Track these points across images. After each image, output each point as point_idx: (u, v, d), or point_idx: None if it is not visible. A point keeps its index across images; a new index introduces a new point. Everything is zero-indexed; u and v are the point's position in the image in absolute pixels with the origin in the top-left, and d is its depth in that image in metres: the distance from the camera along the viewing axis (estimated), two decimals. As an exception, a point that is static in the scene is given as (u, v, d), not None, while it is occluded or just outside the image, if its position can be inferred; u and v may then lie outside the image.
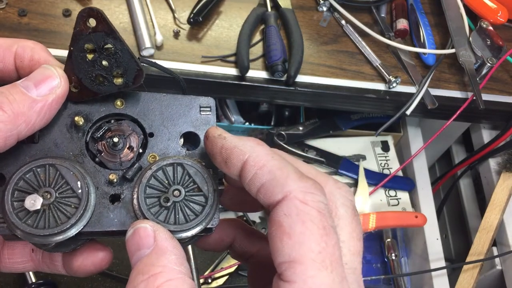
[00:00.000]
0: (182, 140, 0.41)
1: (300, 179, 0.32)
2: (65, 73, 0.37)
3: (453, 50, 0.85)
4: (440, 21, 0.93)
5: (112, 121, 0.40)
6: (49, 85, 0.36)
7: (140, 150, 0.40)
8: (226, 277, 0.89)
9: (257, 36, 0.86)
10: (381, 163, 0.99)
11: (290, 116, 1.05)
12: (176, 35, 0.84)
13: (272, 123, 1.04)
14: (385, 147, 1.01)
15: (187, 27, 0.84)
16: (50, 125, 0.38)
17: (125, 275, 0.89)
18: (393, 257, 0.94)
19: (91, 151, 0.39)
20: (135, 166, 0.39)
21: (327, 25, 0.89)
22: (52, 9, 0.83)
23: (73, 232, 0.36)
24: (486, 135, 0.96)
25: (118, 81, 0.38)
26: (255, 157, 0.33)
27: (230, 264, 0.88)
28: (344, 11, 0.88)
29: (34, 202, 0.35)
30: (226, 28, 0.86)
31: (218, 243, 0.44)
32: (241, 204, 0.44)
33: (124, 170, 0.39)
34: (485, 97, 0.84)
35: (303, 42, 0.82)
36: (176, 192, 0.38)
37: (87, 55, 0.37)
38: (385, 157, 1.00)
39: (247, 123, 1.04)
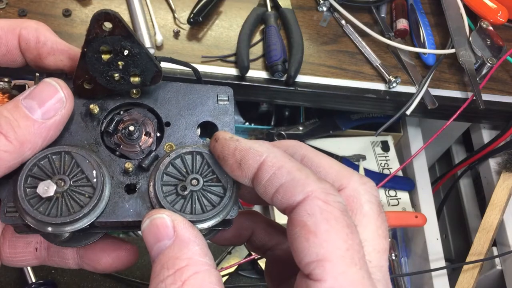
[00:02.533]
0: (199, 130, 0.40)
1: (319, 180, 0.31)
2: (69, 91, 0.36)
3: (453, 50, 0.85)
4: (440, 21, 0.93)
5: (122, 112, 0.39)
6: (54, 106, 0.34)
7: (158, 134, 0.39)
8: (226, 277, 0.89)
9: (257, 36, 0.86)
10: (381, 163, 0.99)
11: (290, 116, 1.05)
12: (176, 35, 0.84)
13: (272, 123, 1.04)
14: (385, 147, 1.01)
15: (187, 27, 0.84)
16: None
17: (124, 275, 0.89)
18: (393, 257, 0.94)
19: (109, 146, 0.38)
20: (151, 155, 0.38)
21: (327, 25, 0.89)
22: (52, 9, 0.83)
23: (86, 222, 0.35)
24: (486, 135, 0.96)
25: (135, 80, 0.37)
26: (273, 158, 0.32)
27: (230, 264, 0.88)
28: (344, 11, 0.88)
29: (47, 188, 0.34)
30: (226, 28, 0.86)
31: (236, 236, 0.43)
32: (260, 198, 0.44)
33: (141, 160, 0.38)
34: (485, 97, 0.84)
35: (303, 42, 0.82)
36: (194, 181, 0.36)
37: (103, 56, 0.36)
38: (385, 157, 1.00)
39: (247, 123, 1.04)
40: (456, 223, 1.13)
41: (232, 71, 0.80)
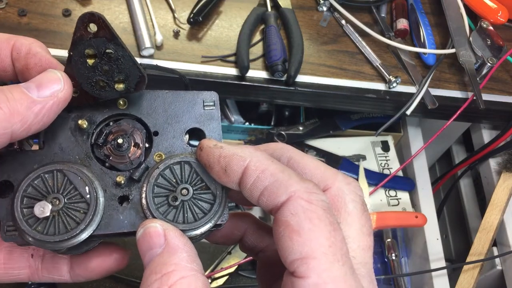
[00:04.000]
0: (187, 136, 0.41)
1: (302, 180, 0.32)
2: (69, 79, 0.37)
3: (453, 50, 0.85)
4: (440, 21, 0.93)
5: (111, 123, 0.40)
6: (52, 88, 0.35)
7: (147, 145, 0.40)
8: (226, 277, 0.89)
9: (257, 36, 0.86)
10: (381, 163, 0.99)
11: (290, 116, 1.05)
12: (176, 35, 0.84)
13: (272, 123, 1.04)
14: (385, 147, 1.01)
15: (187, 27, 0.84)
16: (54, 130, 0.38)
17: (124, 275, 0.89)
18: (393, 257, 0.94)
19: (98, 157, 0.39)
20: (141, 167, 0.39)
21: (327, 25, 0.89)
22: (52, 9, 0.83)
23: (83, 237, 0.36)
24: (486, 135, 0.96)
25: (120, 86, 0.38)
26: (256, 162, 0.33)
27: (230, 264, 0.88)
28: (344, 11, 0.88)
29: (43, 209, 0.35)
30: (226, 28, 0.86)
31: (228, 236, 0.44)
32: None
33: (131, 171, 0.39)
34: (485, 97, 0.84)
35: (303, 42, 0.82)
36: (184, 191, 0.37)
37: (88, 60, 0.36)
38: (385, 157, 1.00)
39: (247, 123, 1.04)
40: (456, 223, 1.13)
41: (232, 71, 0.80)
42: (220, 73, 0.80)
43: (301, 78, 0.81)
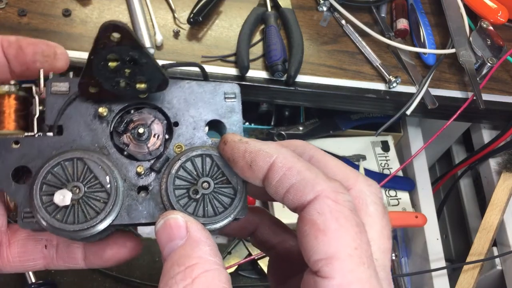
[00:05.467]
0: (207, 128, 0.40)
1: (329, 180, 0.32)
2: None
3: (453, 50, 0.85)
4: (440, 21, 0.93)
5: (132, 111, 0.39)
6: None
7: (166, 136, 0.39)
8: (226, 277, 0.89)
9: (257, 36, 0.86)
10: (381, 163, 0.99)
11: (290, 116, 1.05)
12: (176, 35, 0.84)
13: (272, 123, 1.04)
14: (385, 147, 1.01)
15: (187, 27, 0.84)
16: (74, 117, 0.38)
17: (124, 275, 0.89)
18: (393, 257, 0.94)
19: (118, 145, 0.39)
20: (162, 158, 0.38)
21: (327, 25, 0.89)
22: (52, 9, 0.83)
23: (102, 227, 0.36)
24: (486, 135, 0.96)
25: (141, 87, 0.37)
26: (283, 159, 0.33)
27: (230, 264, 0.88)
28: (344, 11, 0.88)
29: (63, 197, 0.34)
30: (226, 28, 0.86)
31: (240, 229, 0.44)
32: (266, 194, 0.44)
33: (152, 162, 0.38)
34: (486, 97, 0.84)
35: (303, 42, 0.82)
36: (205, 184, 0.37)
37: (109, 63, 0.36)
38: (385, 157, 1.00)
39: (247, 123, 1.04)
40: (456, 223, 1.13)
41: (232, 71, 0.80)
42: (220, 73, 0.80)
43: (301, 78, 0.81)
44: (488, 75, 0.83)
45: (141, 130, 0.38)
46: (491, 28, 0.87)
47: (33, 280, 0.85)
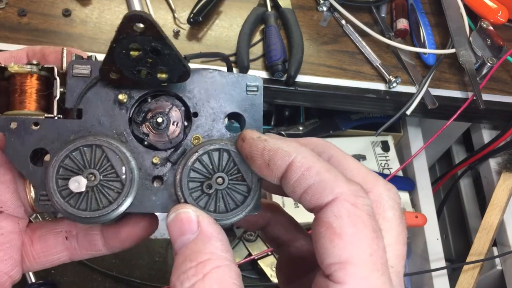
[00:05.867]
0: (226, 120, 0.40)
1: (348, 182, 0.31)
2: None
3: (453, 50, 0.85)
4: (440, 21, 0.93)
5: (149, 99, 0.39)
6: None
7: (185, 123, 0.39)
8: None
9: (257, 36, 0.86)
10: (381, 163, 0.99)
11: (290, 116, 1.05)
12: (176, 35, 0.84)
13: (272, 123, 1.04)
14: (385, 147, 1.01)
15: (187, 27, 0.84)
16: (93, 102, 0.38)
17: (125, 275, 0.89)
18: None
19: (137, 135, 0.38)
20: (179, 150, 0.38)
21: (327, 25, 0.89)
22: (52, 9, 0.83)
23: (114, 215, 0.36)
24: (486, 135, 0.96)
25: (162, 76, 0.37)
26: (301, 158, 0.32)
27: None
28: (344, 11, 0.88)
29: (78, 184, 0.35)
30: (226, 28, 0.86)
31: (250, 223, 0.43)
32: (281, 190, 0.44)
33: (169, 153, 0.38)
34: (485, 97, 0.84)
35: (303, 42, 0.82)
36: (219, 180, 0.37)
37: (131, 52, 0.35)
38: (385, 157, 0.99)
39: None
40: (456, 223, 1.13)
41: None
42: (220, 73, 0.80)
43: (301, 78, 0.81)
44: (488, 75, 0.83)
45: (160, 120, 0.38)
46: (491, 28, 0.87)
47: (33, 280, 0.85)
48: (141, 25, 0.33)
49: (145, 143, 0.38)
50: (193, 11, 0.83)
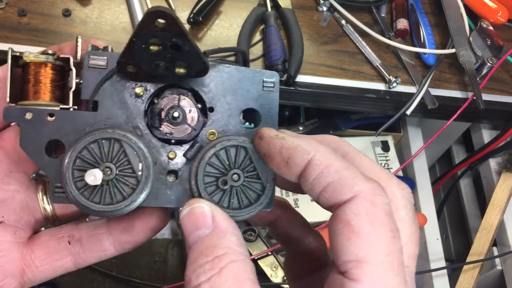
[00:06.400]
0: (242, 116, 0.39)
1: (367, 180, 0.31)
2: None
3: (453, 50, 0.85)
4: (440, 21, 0.93)
5: (155, 100, 0.38)
6: None
7: (199, 106, 0.38)
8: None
9: (257, 36, 0.86)
10: (381, 163, 0.99)
11: (290, 116, 1.05)
12: (176, 35, 0.84)
13: (272, 123, 1.04)
14: (385, 147, 1.01)
15: (187, 27, 0.84)
16: (110, 95, 0.37)
17: (125, 275, 0.89)
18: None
19: (161, 138, 0.38)
20: (195, 146, 0.38)
21: (327, 25, 0.89)
22: (52, 9, 0.82)
23: (127, 210, 0.36)
24: (486, 135, 0.96)
25: (180, 71, 0.36)
26: (320, 156, 0.32)
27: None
28: (344, 11, 0.88)
29: (94, 177, 0.34)
30: (226, 28, 0.86)
31: (259, 217, 0.43)
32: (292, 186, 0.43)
33: (185, 149, 0.38)
34: (485, 97, 0.84)
35: (303, 42, 0.82)
36: (235, 176, 0.36)
37: (151, 47, 0.35)
38: (385, 157, 0.99)
39: (247, 123, 1.04)
40: (456, 223, 1.13)
41: (232, 71, 0.80)
42: (220, 73, 0.80)
43: (301, 78, 0.81)
44: (488, 75, 0.83)
45: (176, 114, 0.37)
46: (491, 28, 0.87)
47: (33, 280, 0.85)
48: (163, 21, 0.32)
49: (173, 141, 0.38)
50: (193, 11, 0.83)
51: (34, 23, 0.80)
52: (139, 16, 0.82)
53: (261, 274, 0.91)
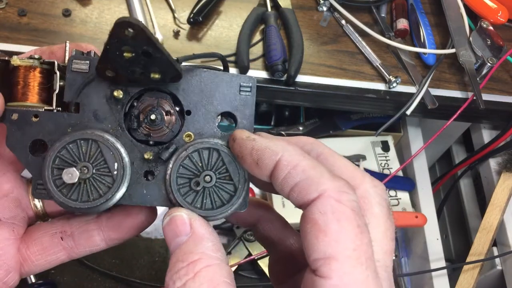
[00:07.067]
0: (219, 119, 0.41)
1: (334, 178, 0.32)
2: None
3: (453, 50, 0.85)
4: (440, 21, 0.93)
5: (135, 103, 0.40)
6: None
7: (177, 108, 0.40)
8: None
9: (257, 36, 0.86)
10: (381, 163, 0.99)
11: (290, 116, 1.05)
12: (176, 35, 0.84)
13: (272, 123, 1.04)
14: (385, 147, 1.01)
15: (187, 27, 0.84)
16: (91, 97, 0.39)
17: (125, 275, 0.89)
18: (393, 257, 0.94)
19: (140, 139, 0.39)
20: (171, 148, 0.39)
21: (327, 25, 0.89)
22: (52, 9, 0.83)
23: (104, 207, 0.38)
24: (486, 135, 0.96)
25: (155, 76, 0.38)
26: (288, 157, 0.33)
27: (230, 264, 0.88)
28: (344, 11, 0.88)
29: (71, 175, 0.36)
30: (226, 28, 0.86)
31: (240, 219, 0.44)
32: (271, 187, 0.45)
33: (160, 150, 0.39)
34: (485, 97, 0.84)
35: (303, 42, 0.82)
36: (207, 178, 0.38)
37: (124, 54, 0.36)
38: (385, 157, 1.00)
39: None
40: (456, 223, 1.13)
41: (232, 71, 0.80)
42: (220, 73, 0.80)
43: (301, 78, 0.81)
44: (488, 75, 0.83)
45: (153, 116, 0.39)
46: (491, 28, 0.87)
47: (33, 280, 0.85)
48: (132, 31, 0.34)
49: (151, 142, 0.39)
50: (193, 11, 0.83)
51: (34, 23, 0.80)
52: (139, 16, 0.82)
53: (261, 274, 0.91)
